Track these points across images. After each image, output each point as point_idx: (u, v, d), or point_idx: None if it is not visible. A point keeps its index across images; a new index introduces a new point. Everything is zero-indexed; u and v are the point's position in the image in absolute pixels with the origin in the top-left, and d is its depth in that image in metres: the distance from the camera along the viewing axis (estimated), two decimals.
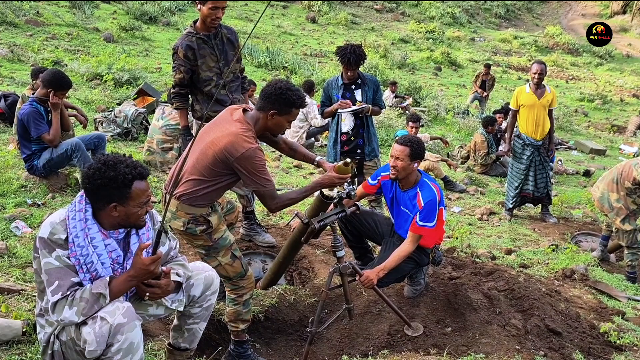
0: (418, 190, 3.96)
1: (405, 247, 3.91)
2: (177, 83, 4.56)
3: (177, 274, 2.70)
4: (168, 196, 3.16)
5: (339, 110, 5.44)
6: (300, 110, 3.38)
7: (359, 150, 5.59)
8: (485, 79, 15.57)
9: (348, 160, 3.48)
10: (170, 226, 3.25)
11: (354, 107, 5.39)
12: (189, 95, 4.69)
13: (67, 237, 2.42)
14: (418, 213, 3.89)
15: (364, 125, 5.55)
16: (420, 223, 3.88)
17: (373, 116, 5.67)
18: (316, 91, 10.09)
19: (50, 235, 2.40)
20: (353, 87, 5.51)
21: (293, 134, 9.51)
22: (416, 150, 3.92)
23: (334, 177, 3.41)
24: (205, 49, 4.46)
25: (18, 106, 6.34)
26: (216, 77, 4.55)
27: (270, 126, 3.30)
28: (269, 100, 3.24)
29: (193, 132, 4.87)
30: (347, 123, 5.52)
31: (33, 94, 5.96)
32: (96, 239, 2.48)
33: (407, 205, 4.03)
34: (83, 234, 2.44)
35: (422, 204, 3.89)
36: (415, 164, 3.95)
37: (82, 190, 2.49)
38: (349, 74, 5.42)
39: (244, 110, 3.32)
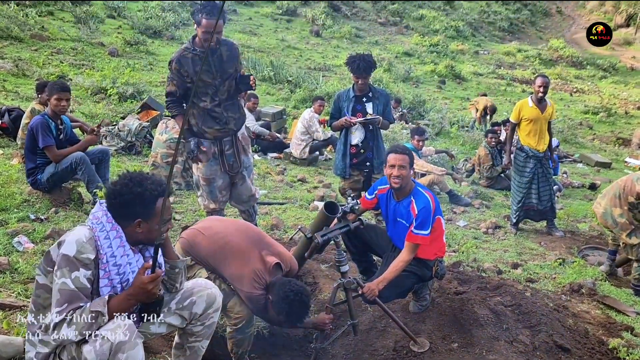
0: (412, 198, 3.93)
1: (402, 257, 3.87)
2: (169, 93, 4.63)
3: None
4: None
5: (354, 120, 5.41)
6: (302, 123, 3.40)
7: (367, 163, 5.57)
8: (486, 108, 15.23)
9: None
10: None
11: (367, 118, 5.38)
12: (183, 103, 4.71)
13: (95, 257, 2.40)
14: (413, 221, 3.86)
15: (374, 137, 5.54)
16: (415, 231, 3.84)
17: (381, 130, 5.67)
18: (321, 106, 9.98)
19: (78, 254, 2.35)
20: (364, 99, 5.50)
21: (296, 147, 9.47)
22: (412, 157, 3.96)
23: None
24: (200, 65, 4.45)
25: (25, 121, 6.34)
26: (212, 93, 4.55)
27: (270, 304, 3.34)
28: (280, 298, 3.22)
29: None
30: (357, 135, 5.52)
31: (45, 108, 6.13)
32: (130, 256, 2.51)
33: (403, 215, 3.99)
34: (120, 252, 2.45)
35: (417, 212, 3.86)
36: (412, 172, 3.97)
37: (105, 208, 2.49)
38: (359, 82, 5.40)
39: (278, 265, 3.43)
